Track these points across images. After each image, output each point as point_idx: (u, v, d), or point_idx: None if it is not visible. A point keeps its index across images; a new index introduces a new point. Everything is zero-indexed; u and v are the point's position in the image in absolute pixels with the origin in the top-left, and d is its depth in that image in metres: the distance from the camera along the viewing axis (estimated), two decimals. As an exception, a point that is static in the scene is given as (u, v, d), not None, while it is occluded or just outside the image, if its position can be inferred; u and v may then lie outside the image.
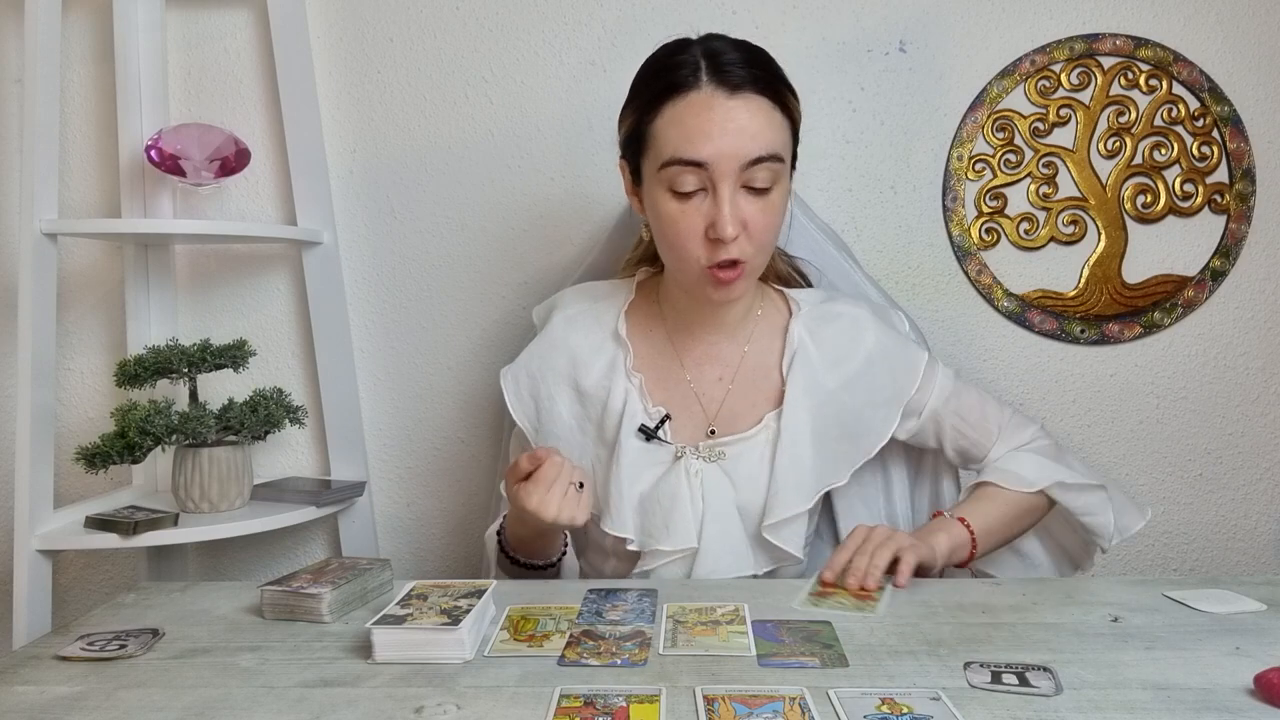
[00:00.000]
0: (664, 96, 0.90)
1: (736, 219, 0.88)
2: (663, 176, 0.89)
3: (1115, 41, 1.34)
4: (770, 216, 0.91)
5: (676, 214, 0.90)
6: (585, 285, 1.11)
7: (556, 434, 1.02)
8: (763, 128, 0.88)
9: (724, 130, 0.87)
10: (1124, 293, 1.38)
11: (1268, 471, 1.41)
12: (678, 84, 0.89)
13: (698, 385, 1.02)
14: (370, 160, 1.42)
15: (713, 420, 1.01)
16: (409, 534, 1.48)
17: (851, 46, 1.37)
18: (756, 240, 0.90)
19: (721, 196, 0.87)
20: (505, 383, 1.05)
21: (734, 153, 0.87)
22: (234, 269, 1.44)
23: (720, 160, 0.87)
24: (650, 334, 1.04)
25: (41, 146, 1.17)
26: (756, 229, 0.90)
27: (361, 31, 1.40)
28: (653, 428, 0.98)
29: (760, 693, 0.62)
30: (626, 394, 0.99)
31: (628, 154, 0.97)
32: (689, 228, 0.90)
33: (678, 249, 0.92)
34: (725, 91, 0.87)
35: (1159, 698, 0.61)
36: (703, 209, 0.89)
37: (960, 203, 1.38)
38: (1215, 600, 0.81)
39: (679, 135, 0.88)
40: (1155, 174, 1.36)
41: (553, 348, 1.04)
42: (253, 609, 0.82)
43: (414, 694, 0.63)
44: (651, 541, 0.96)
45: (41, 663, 0.70)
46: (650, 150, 0.91)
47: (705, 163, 0.87)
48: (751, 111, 0.88)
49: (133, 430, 1.14)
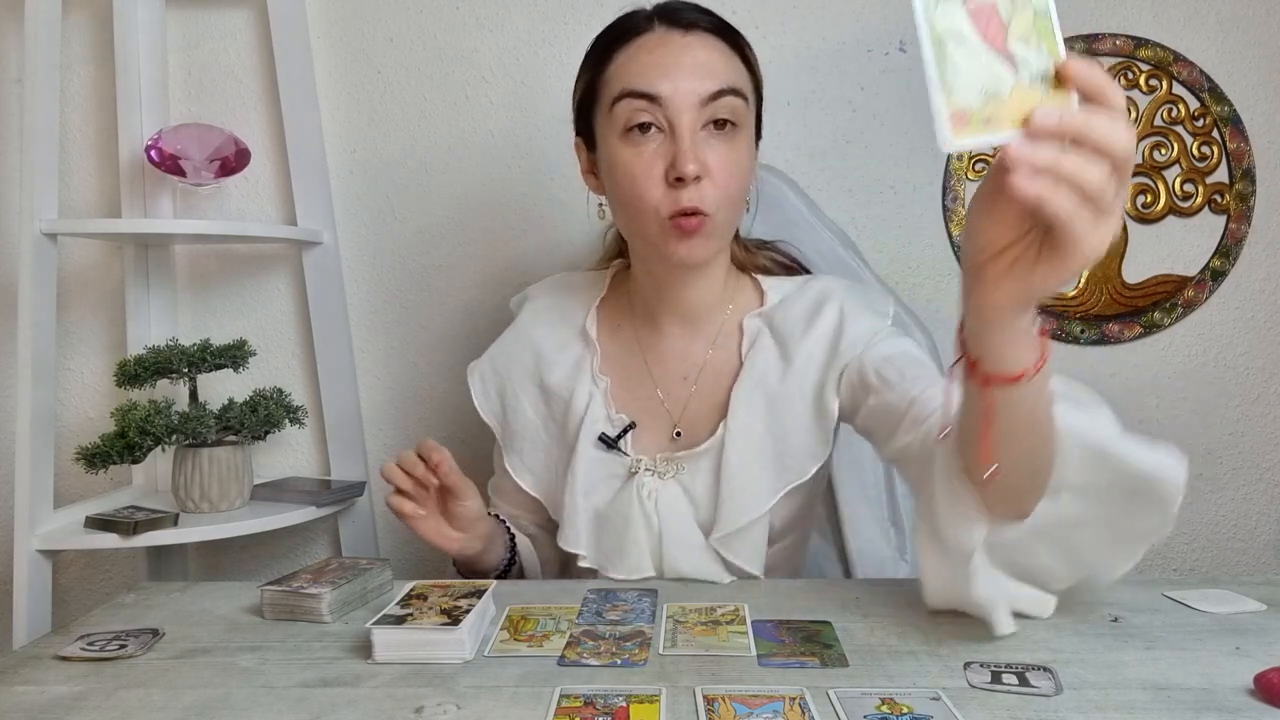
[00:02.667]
0: (616, 43, 0.85)
1: (697, 156, 0.81)
2: (615, 117, 0.84)
3: (1115, 41, 1.34)
4: (735, 161, 0.84)
5: (630, 159, 0.83)
6: (558, 276, 1.07)
7: (521, 433, 0.98)
8: (721, 64, 0.83)
9: (679, 64, 0.82)
10: (1124, 293, 1.38)
11: (1268, 471, 1.41)
12: (629, 29, 0.85)
13: (663, 385, 0.95)
14: (370, 160, 1.42)
15: (677, 422, 0.94)
16: (409, 534, 1.47)
17: (851, 46, 1.37)
18: (721, 186, 0.83)
19: (681, 132, 0.81)
20: (472, 379, 1.01)
21: (692, 87, 0.81)
22: (234, 269, 1.44)
23: (679, 94, 0.81)
24: (619, 331, 0.98)
25: (41, 146, 1.17)
26: (720, 174, 0.82)
27: (361, 31, 1.40)
28: (613, 437, 0.92)
29: (760, 693, 0.62)
30: (590, 397, 0.94)
31: (581, 124, 0.92)
32: (644, 171, 0.82)
33: (634, 199, 0.84)
34: (679, 30, 0.84)
35: (1159, 698, 0.61)
36: (661, 151, 0.82)
37: (960, 203, 1.38)
38: (1215, 600, 0.81)
39: (632, 71, 0.83)
40: (1155, 174, 1.36)
41: (518, 343, 1.00)
42: (253, 609, 0.82)
43: (414, 694, 0.63)
44: (607, 564, 0.89)
45: (41, 663, 0.70)
46: (601, 97, 0.86)
47: (660, 96, 0.81)
48: (708, 48, 0.84)
49: (133, 430, 1.14)
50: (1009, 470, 0.63)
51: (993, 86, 0.50)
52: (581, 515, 0.91)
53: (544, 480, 0.98)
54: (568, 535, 0.91)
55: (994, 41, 0.50)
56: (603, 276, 1.03)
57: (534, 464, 0.98)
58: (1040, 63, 0.50)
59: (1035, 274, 0.53)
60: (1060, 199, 0.48)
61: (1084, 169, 0.48)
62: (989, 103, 0.50)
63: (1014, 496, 0.66)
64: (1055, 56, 0.50)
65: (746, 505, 0.87)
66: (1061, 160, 0.48)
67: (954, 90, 0.50)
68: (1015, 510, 0.67)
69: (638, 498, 0.89)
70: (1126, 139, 0.49)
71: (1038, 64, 0.50)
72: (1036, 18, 0.50)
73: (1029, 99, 0.50)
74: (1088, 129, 0.48)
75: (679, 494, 0.90)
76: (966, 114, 0.50)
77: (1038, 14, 0.50)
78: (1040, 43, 0.50)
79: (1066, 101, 0.50)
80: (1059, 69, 0.50)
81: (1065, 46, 0.50)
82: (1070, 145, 0.49)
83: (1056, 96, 0.50)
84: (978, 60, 0.50)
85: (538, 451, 0.97)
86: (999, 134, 0.50)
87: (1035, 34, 0.50)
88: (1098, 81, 0.49)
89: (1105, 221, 0.50)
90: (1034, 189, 0.48)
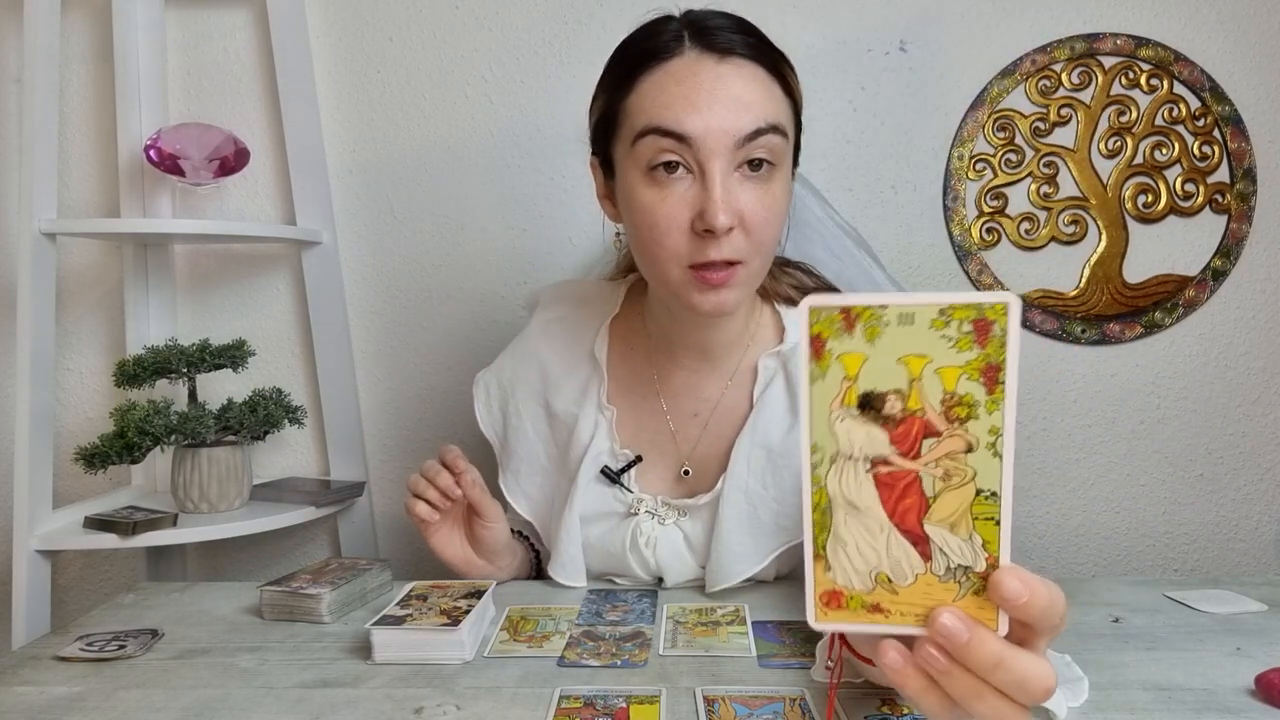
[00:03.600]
0: (641, 65, 0.75)
1: (730, 206, 0.72)
2: (637, 153, 0.74)
3: (1116, 41, 1.34)
4: (772, 208, 0.75)
5: (653, 202, 0.74)
6: (571, 285, 1.01)
7: (520, 454, 0.93)
8: (760, 97, 0.73)
9: (713, 98, 0.71)
10: (1125, 293, 1.37)
11: (1269, 471, 1.41)
12: (656, 50, 0.74)
13: (674, 420, 0.89)
14: (370, 160, 1.42)
15: (687, 459, 0.89)
16: (409, 534, 1.48)
17: (852, 46, 1.36)
18: (756, 237, 0.74)
19: (712, 177, 0.71)
20: (477, 390, 0.97)
21: (726, 126, 0.71)
22: (233, 269, 1.44)
23: (710, 134, 0.71)
24: (630, 355, 0.92)
25: (40, 146, 1.17)
26: (755, 222, 0.74)
27: (361, 31, 1.40)
28: (616, 472, 0.88)
29: (760, 693, 0.62)
30: (596, 426, 0.88)
31: (598, 145, 0.83)
32: (668, 218, 0.73)
33: (654, 248, 0.75)
34: (713, 56, 0.73)
35: (1160, 698, 0.61)
36: (687, 196, 0.73)
37: (961, 202, 1.37)
38: (1216, 601, 0.81)
39: (659, 103, 0.73)
40: (1156, 174, 1.35)
41: (526, 358, 0.95)
42: (252, 609, 0.82)
43: (414, 694, 0.63)
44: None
45: (40, 663, 0.70)
46: (623, 127, 0.76)
47: (690, 137, 0.71)
48: (745, 79, 0.73)
49: (132, 430, 1.14)
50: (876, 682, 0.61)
51: (889, 573, 0.41)
52: (577, 548, 0.88)
53: (540, 505, 0.94)
54: (560, 567, 0.88)
55: (904, 520, 0.40)
56: (617, 291, 0.96)
57: (530, 487, 0.94)
58: (968, 557, 0.40)
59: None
60: (929, 702, 0.41)
61: (976, 703, 0.40)
62: (878, 590, 0.41)
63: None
64: (991, 557, 0.40)
65: (736, 566, 0.83)
66: (953, 678, 0.40)
67: (833, 567, 0.41)
68: None
69: (634, 540, 0.87)
70: (1042, 686, 0.39)
71: (962, 557, 0.40)
72: (978, 501, 0.39)
73: (936, 594, 0.40)
74: (999, 670, 0.39)
75: (679, 540, 0.87)
76: (843, 597, 0.41)
77: (981, 496, 0.39)
78: (975, 533, 0.40)
79: (990, 611, 0.40)
80: (991, 579, 0.39)
81: (1012, 480, 0.39)
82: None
83: (976, 601, 0.40)
84: (874, 539, 0.41)
85: (535, 474, 0.93)
86: (884, 627, 0.41)
87: (969, 520, 0.40)
88: (1033, 612, 0.39)
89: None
90: (907, 687, 0.41)
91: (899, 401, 0.39)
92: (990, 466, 0.39)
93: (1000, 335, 0.38)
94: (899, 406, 0.40)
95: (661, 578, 0.89)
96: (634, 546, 0.87)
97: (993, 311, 0.38)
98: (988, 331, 0.38)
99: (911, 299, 0.39)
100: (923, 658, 0.40)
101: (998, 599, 0.39)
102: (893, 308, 0.39)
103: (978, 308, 0.38)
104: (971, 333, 0.38)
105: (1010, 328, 0.38)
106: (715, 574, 0.84)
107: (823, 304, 0.40)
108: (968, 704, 0.40)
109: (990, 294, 0.38)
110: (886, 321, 0.39)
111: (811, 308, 0.40)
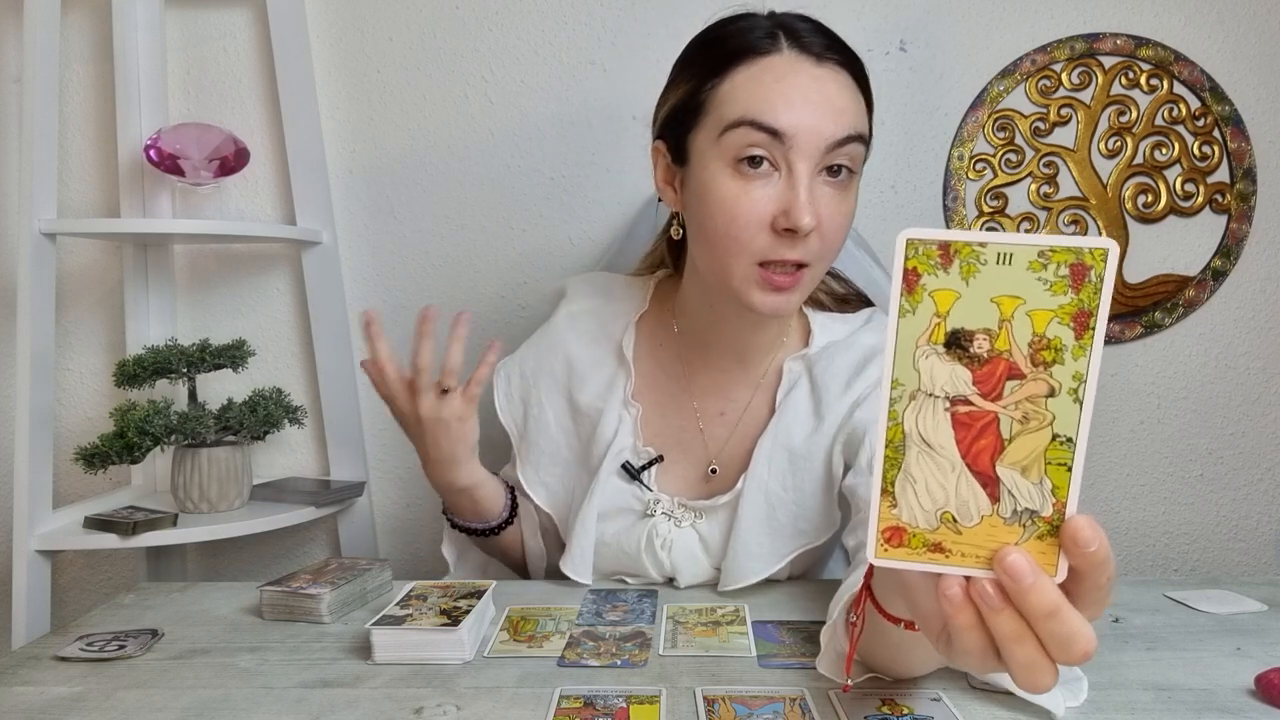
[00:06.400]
0: (735, 58, 0.75)
1: (814, 207, 0.73)
2: (725, 144, 0.74)
3: (1116, 41, 1.34)
4: (847, 215, 0.77)
5: (736, 194, 0.74)
6: (598, 276, 1.00)
7: (540, 445, 0.93)
8: (850, 104, 0.74)
9: (808, 99, 0.72)
10: (1125, 292, 1.37)
11: (1269, 471, 1.41)
12: (752, 45, 0.75)
13: (703, 418, 0.90)
14: (370, 160, 1.42)
15: (714, 458, 0.89)
16: (408, 534, 1.48)
17: (852, 46, 1.36)
18: (828, 242, 0.76)
19: (798, 178, 0.72)
20: (498, 379, 0.96)
21: (820, 128, 0.72)
22: (233, 269, 1.44)
23: (802, 134, 0.72)
24: (658, 352, 0.92)
25: (40, 146, 1.17)
26: (831, 228, 0.75)
27: (361, 31, 1.40)
28: (637, 468, 0.88)
29: (760, 693, 0.62)
30: (620, 422, 0.89)
31: (669, 132, 0.82)
32: (749, 212, 0.73)
33: (728, 240, 0.75)
34: (811, 59, 0.74)
35: (1160, 698, 0.61)
36: (769, 192, 0.73)
37: (961, 202, 1.37)
38: (1216, 601, 0.81)
39: (755, 96, 0.73)
40: (1156, 174, 1.35)
41: (551, 350, 0.94)
42: (252, 609, 0.82)
43: (414, 695, 0.63)
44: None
45: (40, 663, 0.70)
46: (710, 116, 0.76)
47: (784, 133, 0.72)
48: (840, 85, 0.74)
49: (132, 430, 1.14)
50: (879, 667, 0.62)
51: (955, 513, 0.41)
52: (590, 542, 0.87)
53: (559, 498, 0.94)
54: (570, 560, 0.88)
55: (977, 462, 0.40)
56: (645, 286, 0.96)
57: (550, 479, 0.94)
58: (1036, 501, 0.40)
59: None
60: (970, 639, 0.41)
61: (1015, 647, 0.40)
62: (941, 529, 0.41)
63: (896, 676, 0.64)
64: (1060, 503, 0.39)
65: (752, 567, 0.83)
66: (1002, 618, 0.40)
67: (899, 503, 0.41)
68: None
69: (650, 541, 0.87)
70: (1083, 648, 0.40)
71: (1031, 501, 0.40)
72: (1052, 446, 0.39)
73: (1000, 536, 0.40)
74: (1052, 619, 0.39)
75: (694, 541, 0.88)
76: (906, 534, 0.41)
77: (1057, 442, 0.39)
78: (1045, 478, 0.39)
79: (1050, 556, 0.40)
80: (1067, 522, 0.39)
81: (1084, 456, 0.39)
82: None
83: (1038, 546, 0.40)
84: (945, 478, 0.40)
85: (555, 467, 0.93)
86: (943, 566, 0.41)
87: (1042, 464, 0.39)
88: (1096, 561, 0.39)
89: (1002, 669, 0.42)
90: (957, 618, 0.41)
91: (987, 341, 0.39)
92: (1069, 412, 0.39)
93: (1096, 281, 0.38)
94: (986, 346, 0.39)
95: (674, 579, 0.89)
96: (649, 547, 0.88)
97: (1091, 256, 0.38)
98: (1084, 276, 0.38)
99: (1011, 239, 0.38)
100: (978, 593, 0.40)
101: (1069, 543, 0.39)
102: (991, 246, 0.38)
103: (1077, 252, 0.38)
104: (1068, 276, 0.38)
105: (1107, 274, 0.38)
106: (731, 573, 0.84)
107: (921, 237, 0.39)
108: (1007, 647, 0.40)
109: (1091, 239, 0.38)
110: (984, 260, 0.39)
111: (909, 240, 0.39)
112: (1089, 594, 0.40)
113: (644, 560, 0.88)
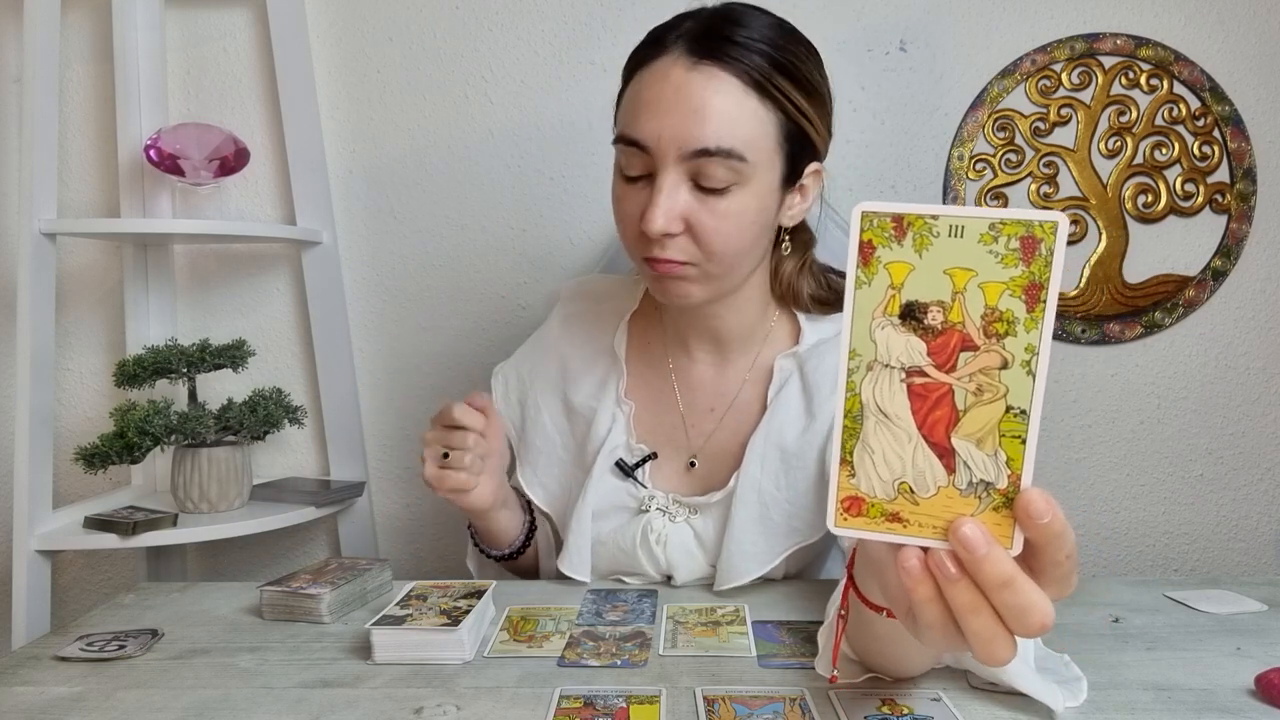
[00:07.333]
0: (631, 69, 0.78)
1: (671, 212, 0.73)
2: (616, 154, 0.78)
3: (1116, 41, 1.34)
4: (725, 222, 0.74)
5: (619, 198, 0.79)
6: (591, 279, 1.02)
7: (538, 446, 0.94)
8: (721, 113, 0.71)
9: (671, 108, 0.72)
10: (1125, 292, 1.37)
11: (1268, 471, 1.41)
12: (642, 55, 0.77)
13: (689, 413, 0.91)
14: (370, 160, 1.42)
15: (696, 453, 0.90)
16: (408, 534, 1.48)
17: (852, 46, 1.36)
18: (706, 245, 0.75)
19: (658, 185, 0.73)
20: (495, 382, 0.98)
21: (675, 135, 0.72)
22: (233, 269, 1.44)
23: (659, 143, 0.72)
24: (649, 349, 0.93)
25: (40, 146, 1.17)
26: (705, 232, 0.74)
27: (361, 31, 1.40)
28: (631, 465, 0.89)
29: (760, 693, 0.62)
30: (614, 420, 0.90)
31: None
32: (626, 215, 0.77)
33: (623, 241, 0.81)
34: (687, 62, 0.72)
35: (1160, 698, 0.61)
36: (640, 197, 0.76)
37: (961, 202, 1.37)
38: (1216, 601, 0.81)
39: (628, 111, 0.76)
40: (1156, 174, 1.35)
41: (546, 352, 0.96)
42: (252, 609, 0.82)
43: (413, 695, 0.63)
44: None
45: (40, 663, 0.70)
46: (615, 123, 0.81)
47: (643, 143, 0.73)
48: (712, 90, 0.71)
49: (132, 430, 1.14)
50: (873, 664, 0.62)
51: (912, 483, 0.41)
52: (586, 540, 0.88)
53: (556, 497, 0.94)
54: (567, 558, 0.88)
55: (933, 433, 0.41)
56: (637, 286, 0.97)
57: (547, 479, 0.95)
58: (990, 473, 0.40)
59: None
60: (930, 612, 0.42)
61: (972, 618, 0.41)
62: (899, 499, 0.42)
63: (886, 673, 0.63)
64: (1015, 475, 0.40)
65: (747, 565, 0.83)
66: (958, 589, 0.40)
67: (858, 473, 0.42)
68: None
69: (645, 537, 0.88)
70: (1039, 620, 0.40)
71: (985, 473, 0.40)
72: (1006, 418, 0.40)
73: (956, 507, 0.41)
74: (1006, 590, 0.40)
75: (689, 537, 0.88)
76: (864, 504, 0.42)
77: (1011, 414, 0.39)
78: (1000, 450, 0.40)
79: (1006, 529, 0.40)
80: (1020, 495, 0.40)
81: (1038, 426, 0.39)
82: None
83: (994, 518, 0.40)
84: (902, 448, 0.41)
85: (552, 467, 0.94)
86: (901, 536, 0.42)
87: (996, 436, 0.40)
88: (1051, 533, 0.40)
89: (962, 642, 0.42)
90: (916, 591, 0.42)
91: (940, 313, 0.40)
92: (1023, 384, 0.39)
93: (1046, 254, 0.38)
94: (940, 318, 0.40)
95: (671, 576, 0.89)
96: (644, 543, 0.88)
97: (1041, 229, 0.38)
98: (1034, 249, 0.38)
99: (963, 212, 0.39)
100: (934, 563, 0.41)
101: (1022, 515, 0.40)
102: (944, 218, 0.39)
103: (1027, 224, 0.38)
104: (1018, 249, 0.39)
105: (1057, 247, 0.38)
106: (725, 572, 0.84)
107: (875, 210, 0.40)
108: (964, 618, 0.41)
109: (1040, 211, 0.38)
110: (937, 232, 0.39)
111: (864, 213, 0.40)
112: (1049, 569, 0.41)
113: (640, 556, 0.88)
